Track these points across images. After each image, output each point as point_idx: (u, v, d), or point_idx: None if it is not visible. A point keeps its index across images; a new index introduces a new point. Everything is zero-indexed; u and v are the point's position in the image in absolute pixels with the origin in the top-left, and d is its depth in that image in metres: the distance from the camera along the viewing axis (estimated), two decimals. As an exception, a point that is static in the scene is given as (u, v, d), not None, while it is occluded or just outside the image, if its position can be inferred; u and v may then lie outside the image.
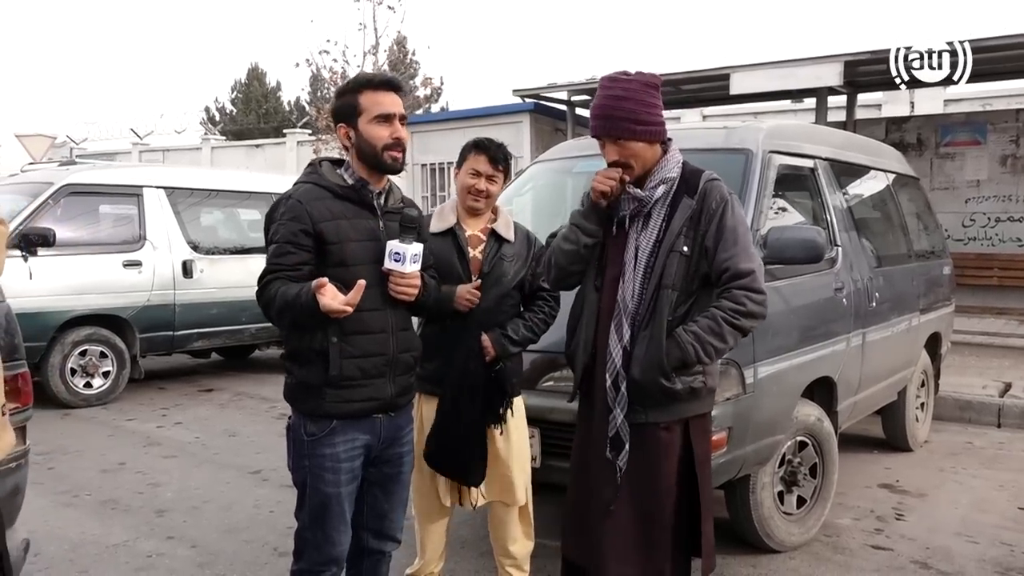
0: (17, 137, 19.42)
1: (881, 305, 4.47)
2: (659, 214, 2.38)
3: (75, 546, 3.85)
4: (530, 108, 11.55)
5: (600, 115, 2.36)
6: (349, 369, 2.24)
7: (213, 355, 8.82)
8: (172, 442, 5.76)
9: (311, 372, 2.25)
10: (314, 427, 2.28)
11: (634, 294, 2.35)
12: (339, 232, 2.24)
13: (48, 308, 6.58)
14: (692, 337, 2.28)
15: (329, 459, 2.28)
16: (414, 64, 23.29)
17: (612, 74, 2.39)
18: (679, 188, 2.39)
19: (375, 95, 2.29)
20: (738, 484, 3.55)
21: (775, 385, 3.43)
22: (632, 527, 2.38)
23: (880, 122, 11.01)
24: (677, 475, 2.38)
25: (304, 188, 2.28)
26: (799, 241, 3.36)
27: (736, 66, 8.95)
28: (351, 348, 2.24)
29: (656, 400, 2.33)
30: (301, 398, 2.30)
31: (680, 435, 2.38)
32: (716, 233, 2.33)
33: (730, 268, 2.31)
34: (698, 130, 4.69)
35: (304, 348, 2.25)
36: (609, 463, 2.40)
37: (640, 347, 2.32)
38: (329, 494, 2.29)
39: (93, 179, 7.28)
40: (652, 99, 2.36)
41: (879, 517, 4.23)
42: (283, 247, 2.20)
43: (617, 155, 2.37)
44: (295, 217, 2.21)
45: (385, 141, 2.28)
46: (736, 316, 2.29)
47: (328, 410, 2.26)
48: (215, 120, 33.37)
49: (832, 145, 4.58)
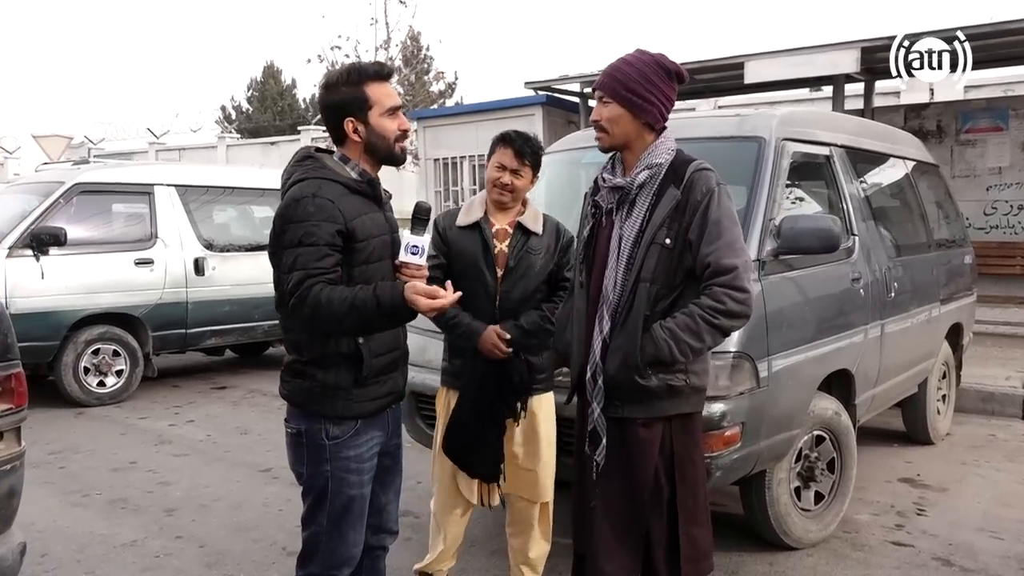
0: (34, 138, 19.58)
1: (900, 295, 4.36)
2: (644, 203, 2.28)
3: (83, 546, 3.83)
4: (542, 101, 11.44)
5: (604, 71, 2.33)
6: (377, 367, 2.22)
7: (227, 352, 8.83)
8: (183, 440, 5.75)
9: (339, 375, 2.19)
10: (338, 430, 2.22)
11: (616, 285, 2.27)
12: (366, 228, 2.18)
13: (60, 307, 6.58)
14: (667, 334, 2.19)
15: (354, 460, 2.24)
16: (428, 59, 23.27)
17: (641, 47, 2.36)
18: (666, 177, 2.29)
19: (383, 87, 2.23)
20: (753, 480, 3.46)
21: (791, 378, 3.34)
22: (610, 525, 2.31)
23: (899, 109, 10.82)
24: (660, 475, 2.28)
25: (325, 184, 2.15)
26: (814, 230, 3.28)
27: (751, 54, 8.80)
28: (376, 346, 2.22)
29: (631, 395, 2.25)
30: (326, 402, 2.22)
31: (661, 434, 2.29)
32: (700, 226, 2.22)
33: (712, 264, 2.20)
34: (710, 118, 4.60)
35: (331, 352, 2.19)
36: (589, 458, 2.33)
37: (616, 340, 2.25)
38: (354, 496, 2.26)
39: (104, 178, 7.28)
40: (656, 78, 2.28)
41: (899, 512, 4.13)
42: (322, 250, 2.08)
43: (598, 115, 2.32)
44: (330, 217, 2.10)
45: (396, 134, 2.24)
46: (715, 315, 2.19)
47: (357, 411, 2.22)
48: (231, 118, 33.52)
49: (848, 132, 4.47)
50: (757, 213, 3.40)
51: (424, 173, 12.82)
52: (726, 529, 3.79)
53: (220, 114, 33.39)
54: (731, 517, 3.91)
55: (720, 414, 3.00)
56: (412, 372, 3.59)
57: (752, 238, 3.32)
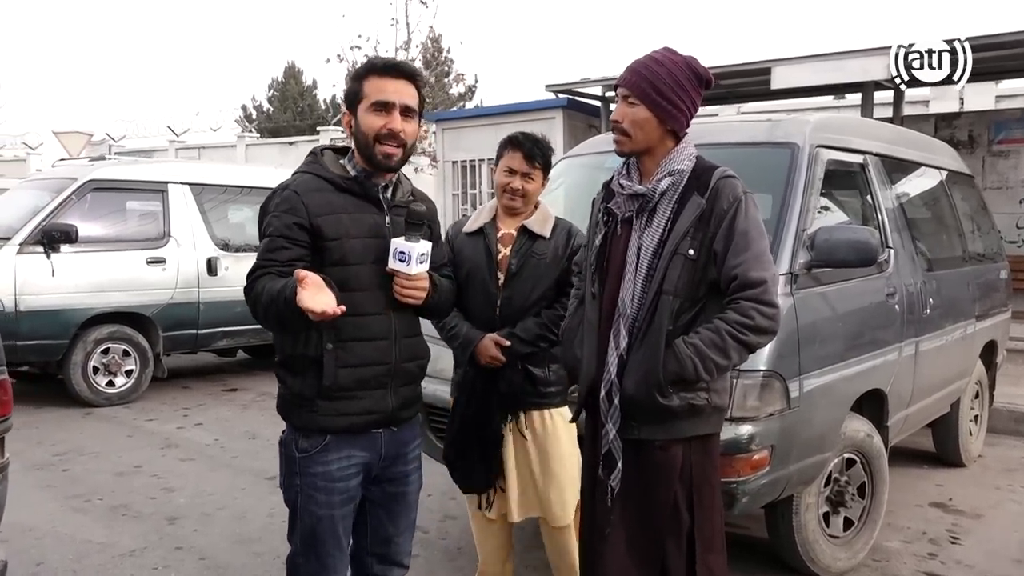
0: (55, 134, 19.64)
1: (935, 311, 4.16)
2: (665, 211, 2.12)
3: (80, 555, 3.70)
4: (563, 104, 11.29)
5: (630, 68, 2.15)
6: (345, 379, 2.03)
7: (239, 353, 8.71)
8: (191, 444, 5.63)
9: (304, 382, 2.05)
10: (306, 443, 2.08)
11: (634, 298, 2.11)
12: (339, 227, 2.04)
13: (70, 305, 6.50)
14: (692, 350, 2.03)
15: (321, 478, 2.09)
16: (449, 61, 23.16)
17: (668, 46, 2.19)
18: (688, 184, 2.12)
19: (380, 81, 2.08)
20: (780, 505, 3.28)
21: (823, 398, 3.17)
22: (627, 553, 2.15)
23: (929, 119, 10.57)
24: (679, 500, 2.12)
25: (302, 178, 2.09)
26: (851, 242, 3.10)
27: (778, 59, 8.60)
28: (348, 356, 2.04)
29: (650, 416, 2.09)
30: (293, 411, 2.11)
31: (681, 456, 2.12)
32: (726, 236, 2.07)
33: (739, 276, 2.05)
34: (740, 123, 4.41)
35: (297, 355, 2.05)
36: (603, 483, 2.17)
37: (636, 357, 2.09)
38: (320, 516, 2.10)
39: (117, 175, 7.19)
40: (687, 82, 2.12)
41: (932, 540, 3.93)
42: (275, 241, 2.01)
43: (621, 116, 2.14)
44: (290, 209, 2.02)
45: (376, 131, 2.06)
46: (743, 331, 2.03)
47: (321, 424, 2.06)
48: (251, 118, 33.60)
49: (883, 140, 4.28)
50: (789, 223, 3.23)
51: (442, 175, 12.70)
52: (749, 554, 3.61)
53: (240, 113, 33.46)
54: (754, 541, 3.73)
55: (748, 436, 2.83)
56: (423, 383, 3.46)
57: (784, 249, 3.15)
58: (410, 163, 2.38)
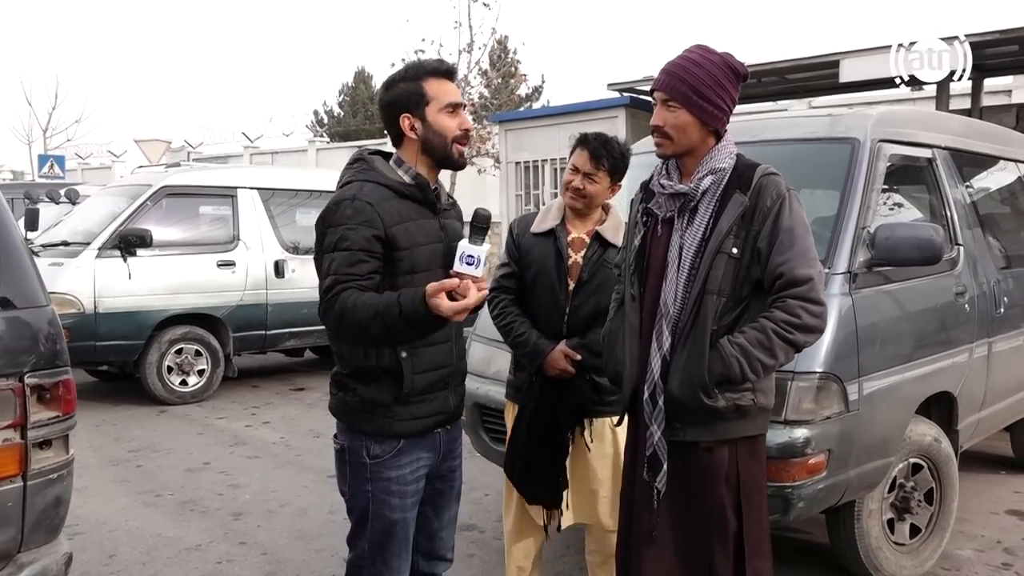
0: (136, 142, 20.47)
1: (1010, 311, 3.98)
2: (707, 209, 2.09)
3: (150, 548, 3.84)
4: (625, 103, 11.18)
5: (666, 70, 2.12)
6: (420, 384, 2.08)
7: (307, 353, 8.90)
8: (257, 442, 5.78)
9: (379, 390, 2.08)
10: (379, 448, 2.10)
11: (676, 298, 2.08)
12: (408, 236, 2.05)
13: (146, 307, 6.74)
14: (738, 350, 2.00)
15: (396, 482, 2.11)
16: (515, 63, 23.18)
17: (702, 44, 2.15)
18: (730, 182, 2.09)
19: (441, 83, 2.10)
20: (841, 510, 3.19)
21: (884, 401, 3.06)
22: (673, 557, 2.12)
23: (1010, 109, 10.11)
24: (725, 503, 2.08)
25: (368, 187, 2.06)
26: (913, 240, 3.00)
27: (847, 51, 8.35)
28: (421, 362, 2.07)
29: (695, 417, 2.06)
30: (365, 418, 2.11)
31: (727, 458, 2.09)
32: (770, 234, 2.03)
33: (785, 274, 2.01)
34: (799, 118, 4.31)
35: (371, 366, 2.07)
36: (647, 485, 2.14)
37: (680, 358, 2.05)
38: (395, 520, 2.13)
39: (189, 181, 7.44)
40: (726, 81, 2.08)
41: (1007, 549, 3.77)
42: (356, 255, 1.98)
43: (662, 120, 2.11)
44: (367, 221, 1.99)
45: (455, 132, 2.10)
46: (789, 329, 1.99)
47: (398, 429, 2.09)
48: (323, 123, 34.30)
49: (953, 133, 4.11)
50: (849, 220, 3.13)
51: (505, 176, 12.73)
52: (810, 560, 3.53)
53: (312, 118, 34.20)
54: (816, 547, 3.64)
55: (803, 440, 2.76)
56: (477, 383, 3.48)
57: (843, 248, 3.07)
58: (473, 164, 2.38)
